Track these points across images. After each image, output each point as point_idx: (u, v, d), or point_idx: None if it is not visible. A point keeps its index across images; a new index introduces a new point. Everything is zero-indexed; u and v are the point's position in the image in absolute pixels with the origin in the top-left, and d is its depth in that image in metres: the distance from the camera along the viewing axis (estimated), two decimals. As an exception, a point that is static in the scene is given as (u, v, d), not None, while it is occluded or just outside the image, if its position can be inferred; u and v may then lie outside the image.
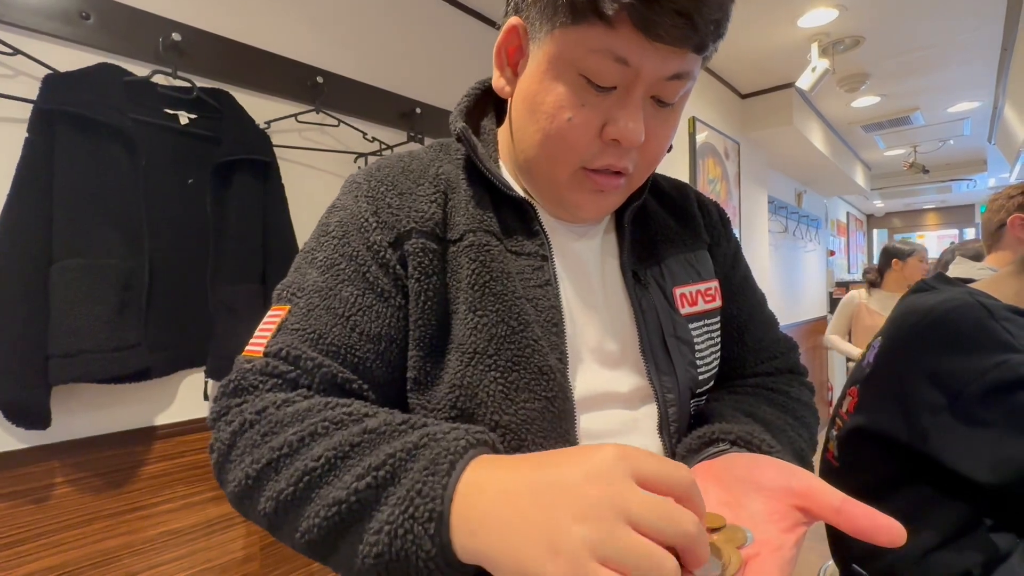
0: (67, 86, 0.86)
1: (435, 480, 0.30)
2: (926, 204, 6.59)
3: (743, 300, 0.59)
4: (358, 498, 0.31)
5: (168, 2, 1.05)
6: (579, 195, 0.46)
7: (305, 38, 1.28)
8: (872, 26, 2.07)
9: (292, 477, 0.34)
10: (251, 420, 0.37)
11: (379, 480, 0.32)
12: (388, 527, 0.30)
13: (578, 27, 0.39)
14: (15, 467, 0.87)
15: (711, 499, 0.36)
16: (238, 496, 0.37)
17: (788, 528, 0.32)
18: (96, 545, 0.94)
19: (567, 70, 0.40)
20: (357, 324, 0.42)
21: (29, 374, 0.80)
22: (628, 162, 0.44)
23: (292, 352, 0.40)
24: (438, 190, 0.47)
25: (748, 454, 0.40)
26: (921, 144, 4.00)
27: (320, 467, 0.33)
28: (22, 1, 0.88)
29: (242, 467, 0.36)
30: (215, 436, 0.39)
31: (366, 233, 0.44)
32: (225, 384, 0.41)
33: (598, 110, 0.41)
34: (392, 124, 1.45)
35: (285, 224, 1.14)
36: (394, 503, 0.31)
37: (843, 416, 0.91)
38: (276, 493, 0.34)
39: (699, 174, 2.29)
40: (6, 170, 0.83)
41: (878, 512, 0.29)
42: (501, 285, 0.44)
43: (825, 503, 0.31)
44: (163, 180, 0.99)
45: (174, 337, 1.00)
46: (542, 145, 0.44)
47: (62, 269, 0.82)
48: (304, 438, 0.35)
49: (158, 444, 1.03)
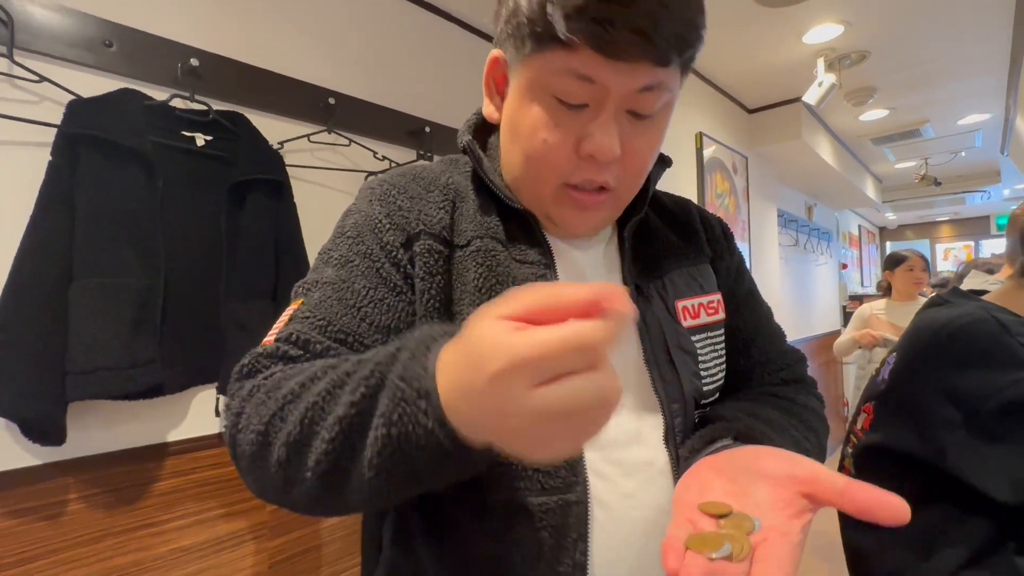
0: (89, 111, 0.89)
1: (414, 363, 0.30)
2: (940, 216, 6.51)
3: (748, 313, 0.60)
4: (357, 409, 0.32)
5: (187, 28, 1.09)
6: (564, 211, 0.47)
7: (318, 61, 1.32)
8: (878, 41, 2.08)
9: (297, 416, 0.34)
10: (259, 385, 0.38)
11: (371, 388, 0.32)
12: (383, 419, 0.30)
13: (543, 53, 0.41)
14: (31, 483, 0.88)
15: (717, 491, 0.36)
16: (251, 457, 0.36)
17: (794, 514, 0.32)
18: (108, 562, 0.94)
19: (540, 93, 0.43)
20: (367, 315, 0.44)
21: (47, 391, 0.81)
22: (608, 176, 0.45)
23: (302, 336, 0.42)
24: (447, 198, 0.49)
25: (750, 446, 0.40)
26: (932, 156, 3.98)
27: (321, 399, 0.34)
28: (49, 30, 0.91)
29: (251, 427, 0.36)
30: (226, 414, 0.40)
31: (379, 234, 0.46)
32: (239, 369, 0.42)
33: (572, 128, 0.43)
34: (401, 143, 1.48)
35: (297, 243, 1.16)
36: (386, 397, 0.31)
37: (858, 433, 0.90)
38: (285, 436, 0.34)
39: (707, 189, 2.30)
40: (31, 192, 0.86)
41: (881, 489, 0.29)
42: (506, 288, 0.45)
43: (829, 487, 0.32)
44: (179, 200, 1.02)
45: (187, 354, 1.01)
46: (524, 165, 0.46)
47: (81, 288, 0.84)
48: (305, 382, 0.36)
49: (170, 460, 1.04)
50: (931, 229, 6.92)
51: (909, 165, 4.19)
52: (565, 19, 0.37)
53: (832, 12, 1.85)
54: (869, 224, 6.40)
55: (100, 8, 0.97)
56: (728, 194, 2.50)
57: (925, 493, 0.77)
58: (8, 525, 0.85)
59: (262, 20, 1.22)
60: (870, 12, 1.86)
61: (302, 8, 1.30)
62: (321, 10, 1.34)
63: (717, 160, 2.41)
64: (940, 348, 0.76)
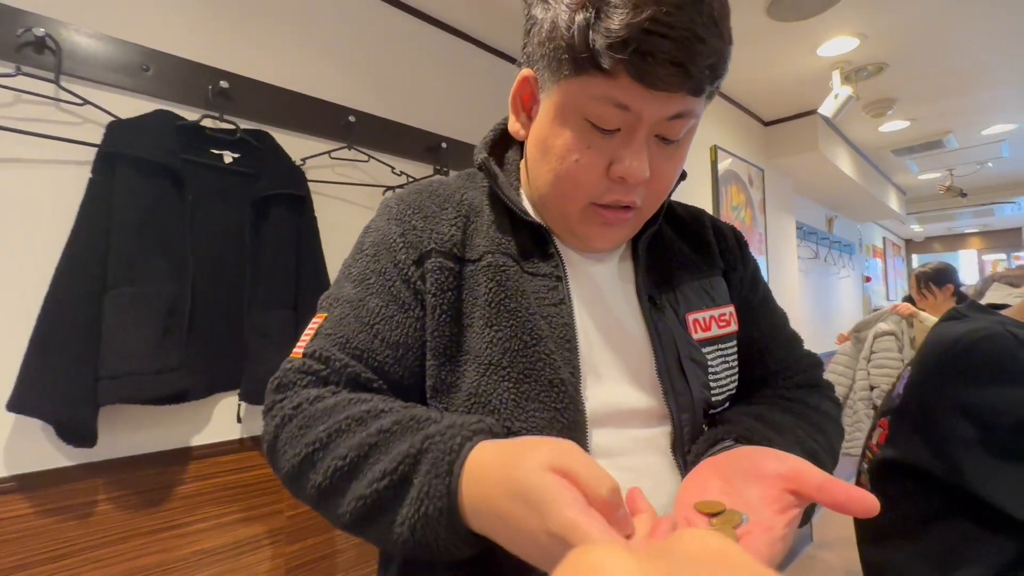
0: (126, 131, 0.95)
1: (439, 482, 0.36)
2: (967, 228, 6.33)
3: (764, 321, 0.60)
4: (379, 496, 0.38)
5: (218, 53, 1.15)
6: (589, 228, 0.49)
7: (339, 82, 1.37)
8: (895, 52, 2.06)
9: (326, 471, 0.40)
10: (289, 415, 0.44)
11: (394, 482, 0.38)
12: (409, 521, 0.36)
13: (580, 78, 0.42)
14: (64, 483, 0.92)
15: (712, 490, 0.38)
16: (288, 480, 0.44)
17: (780, 510, 0.35)
18: (133, 562, 0.98)
19: (573, 116, 0.44)
20: (379, 332, 0.47)
21: (82, 395, 0.86)
22: (635, 196, 0.47)
23: (324, 353, 0.46)
24: (460, 214, 0.51)
25: (748, 447, 0.42)
26: (957, 167, 3.89)
27: (347, 464, 0.40)
28: (93, 57, 0.98)
29: (286, 458, 0.43)
30: (264, 429, 0.46)
31: (394, 252, 0.49)
32: (272, 382, 0.47)
33: (604, 151, 0.44)
34: (419, 158, 1.52)
35: (317, 255, 1.20)
36: (408, 503, 0.37)
37: (873, 448, 0.88)
38: (315, 484, 0.41)
39: (722, 201, 2.29)
40: (72, 207, 0.91)
41: (854, 487, 0.33)
42: (516, 303, 0.47)
43: (808, 482, 0.35)
44: (207, 213, 1.07)
45: (211, 361, 1.06)
46: (553, 184, 0.48)
47: (115, 296, 0.89)
48: (332, 435, 0.41)
49: (193, 464, 1.07)
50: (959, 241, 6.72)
51: (933, 176, 4.10)
52: (608, 48, 0.39)
53: (847, 25, 1.85)
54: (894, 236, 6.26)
55: (138, 35, 1.04)
56: (744, 206, 2.48)
57: (942, 509, 0.75)
58: (43, 523, 0.89)
59: (287, 44, 1.28)
60: (886, 24, 1.85)
61: (324, 32, 1.36)
62: (342, 33, 1.40)
63: (732, 172, 2.40)
64: (955, 363, 0.75)
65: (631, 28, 0.38)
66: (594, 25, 0.39)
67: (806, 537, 2.81)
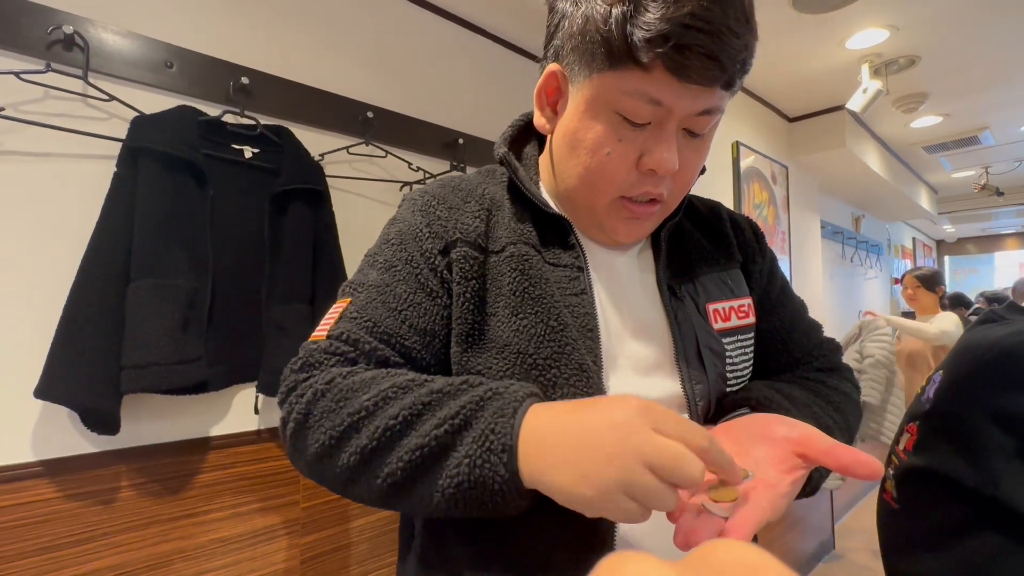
0: (150, 126, 0.97)
1: (504, 421, 0.37)
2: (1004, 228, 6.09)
3: (783, 311, 0.61)
4: (438, 442, 0.38)
5: (239, 50, 1.17)
6: (616, 222, 0.50)
7: (357, 78, 1.38)
8: (928, 44, 1.99)
9: (374, 433, 0.39)
10: (322, 390, 0.42)
11: (455, 427, 0.38)
12: (468, 459, 0.37)
13: (615, 72, 0.42)
14: (88, 469, 0.95)
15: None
16: (318, 456, 0.42)
17: (786, 470, 0.37)
18: (152, 548, 1.00)
19: (604, 110, 0.44)
20: (407, 318, 0.47)
21: (106, 383, 0.88)
22: (663, 189, 0.47)
23: (352, 336, 0.46)
24: (483, 207, 0.52)
25: (762, 414, 0.44)
26: (993, 165, 3.74)
27: (399, 423, 0.39)
28: (119, 54, 1.00)
29: (322, 431, 0.41)
30: (287, 409, 0.44)
31: (420, 242, 0.50)
32: (293, 363, 0.46)
33: (634, 144, 0.45)
34: (436, 154, 1.52)
35: (334, 250, 1.21)
36: (470, 441, 0.37)
37: (900, 454, 0.85)
38: (359, 448, 0.40)
39: (744, 199, 2.24)
40: (98, 200, 0.94)
41: (860, 451, 0.34)
42: (539, 290, 0.48)
43: (816, 446, 0.37)
44: (227, 207, 1.09)
45: (230, 352, 1.07)
46: (583, 177, 0.48)
47: (137, 288, 0.91)
48: (378, 402, 0.41)
49: (212, 454, 1.09)
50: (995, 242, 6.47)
51: (968, 174, 3.95)
52: (647, 43, 0.39)
53: (876, 17, 1.78)
54: (924, 237, 6.06)
55: (163, 32, 1.06)
56: (767, 204, 2.43)
57: (973, 520, 0.72)
58: (67, 507, 0.92)
59: (307, 41, 1.29)
60: (918, 15, 1.79)
61: (343, 28, 1.37)
62: (360, 30, 1.41)
63: (755, 170, 2.35)
64: (989, 368, 0.71)
65: (671, 22, 0.38)
66: (632, 19, 0.39)
67: (827, 546, 2.74)
